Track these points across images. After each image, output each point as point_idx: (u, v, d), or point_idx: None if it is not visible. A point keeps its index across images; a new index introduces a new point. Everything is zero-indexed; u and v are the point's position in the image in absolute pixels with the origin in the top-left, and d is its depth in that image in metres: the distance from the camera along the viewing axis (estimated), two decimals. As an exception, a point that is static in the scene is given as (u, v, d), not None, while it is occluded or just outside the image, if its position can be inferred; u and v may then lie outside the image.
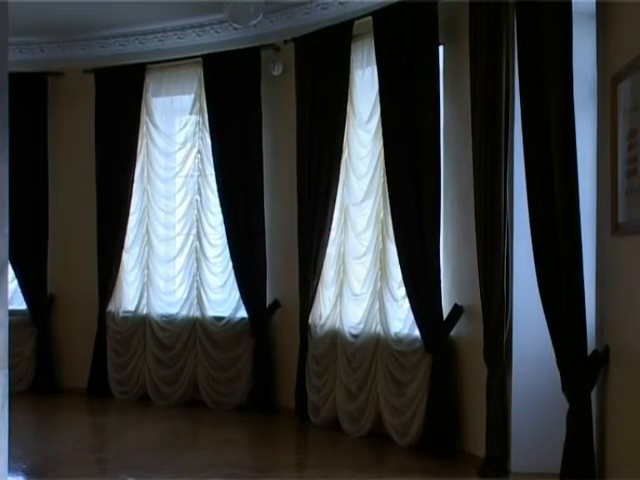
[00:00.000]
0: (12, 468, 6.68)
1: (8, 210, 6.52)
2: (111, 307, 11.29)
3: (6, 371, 6.43)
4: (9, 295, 6.88)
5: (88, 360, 11.37)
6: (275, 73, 10.13)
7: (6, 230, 6.48)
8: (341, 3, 9.27)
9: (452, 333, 8.21)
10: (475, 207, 7.56)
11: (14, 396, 6.63)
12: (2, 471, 6.40)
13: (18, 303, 11.15)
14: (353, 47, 9.08)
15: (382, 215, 8.75)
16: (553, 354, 6.53)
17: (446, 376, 8.13)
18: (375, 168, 8.85)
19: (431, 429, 8.09)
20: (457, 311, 8.16)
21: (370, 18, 8.73)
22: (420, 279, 8.22)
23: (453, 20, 8.14)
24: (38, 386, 11.38)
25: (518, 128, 7.08)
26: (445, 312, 8.18)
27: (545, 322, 6.59)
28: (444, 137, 8.21)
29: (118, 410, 10.89)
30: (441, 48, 8.26)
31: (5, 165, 6.49)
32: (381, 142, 8.64)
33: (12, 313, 6.83)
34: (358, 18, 8.96)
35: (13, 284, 10.81)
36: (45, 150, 11.50)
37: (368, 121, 8.98)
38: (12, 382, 6.53)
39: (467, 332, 8.12)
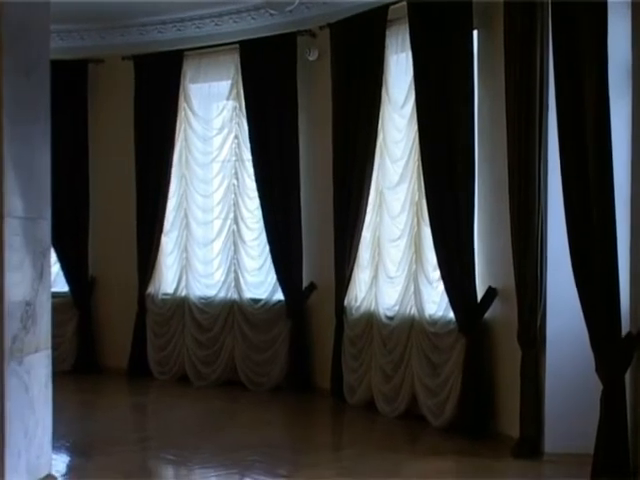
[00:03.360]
0: (56, 446, 6.69)
1: (51, 195, 6.54)
2: (151, 289, 11.31)
3: (49, 351, 6.49)
4: (52, 278, 6.84)
5: (128, 341, 11.41)
6: (311, 58, 10.07)
7: (49, 215, 6.51)
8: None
9: (486, 315, 8.13)
10: (509, 190, 7.49)
11: (57, 376, 6.69)
12: (47, 448, 6.46)
13: (60, 285, 11.19)
14: (388, 32, 8.98)
15: (417, 199, 8.66)
16: (587, 336, 6.44)
17: (480, 357, 8.07)
18: (410, 152, 8.76)
19: (465, 410, 8.04)
20: (491, 293, 8.08)
21: (404, 3, 8.61)
22: (454, 262, 8.14)
23: (487, 4, 8.01)
24: (80, 366, 11.44)
25: (552, 113, 7.02)
26: (479, 294, 8.11)
27: (579, 304, 6.51)
28: (478, 121, 8.11)
29: (158, 390, 10.93)
30: (475, 33, 8.15)
31: (48, 152, 6.50)
32: (416, 126, 8.54)
33: (55, 295, 6.88)
34: (393, 3, 8.86)
35: (56, 267, 10.83)
36: (86, 136, 11.53)
37: (403, 106, 8.89)
38: (55, 362, 6.61)
39: (501, 314, 8.03)
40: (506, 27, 7.51)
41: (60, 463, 7.21)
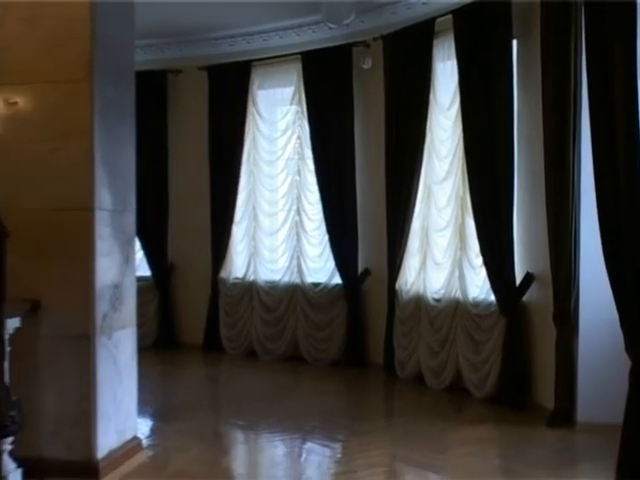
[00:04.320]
0: (140, 411, 6.81)
1: (135, 190, 6.61)
2: (223, 274, 11.36)
3: (134, 328, 6.57)
4: (136, 263, 6.92)
5: (203, 320, 11.49)
6: (365, 67, 10.05)
7: (134, 208, 6.58)
8: (424, 3, 9.14)
9: (524, 298, 8.08)
10: (546, 184, 7.43)
11: (141, 350, 6.77)
12: (132, 413, 6.54)
13: (144, 270, 11.25)
14: (435, 42, 8.94)
15: (461, 193, 8.62)
16: (617, 317, 6.36)
17: (518, 336, 8.02)
18: (455, 150, 8.72)
19: (505, 383, 8.00)
20: (529, 278, 8.02)
21: (450, 16, 8.59)
22: (495, 249, 8.09)
23: (526, 15, 7.93)
24: (161, 342, 11.54)
25: (585, 114, 6.93)
26: (518, 279, 8.05)
27: (609, 287, 6.43)
28: (517, 122, 8.03)
29: (229, 363, 10.97)
30: (515, 42, 8.07)
31: (132, 151, 6.57)
32: (460, 127, 8.52)
33: (139, 279, 6.95)
34: (439, 16, 8.82)
35: (140, 254, 10.92)
36: (166, 137, 11.62)
37: (448, 108, 8.84)
38: (139, 338, 6.67)
39: (538, 297, 7.97)
40: (542, 36, 7.44)
41: (144, 427, 7.30)
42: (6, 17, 5.92)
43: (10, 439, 5.29)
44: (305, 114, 10.59)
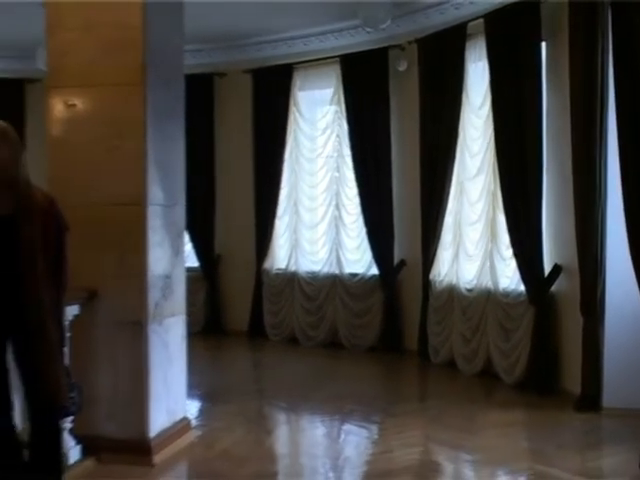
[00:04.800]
0: (189, 394, 6.85)
1: (184, 186, 6.67)
2: (266, 265, 11.40)
3: (184, 316, 6.63)
4: (186, 255, 6.98)
5: (248, 308, 11.54)
6: (401, 69, 10.03)
7: (183, 202, 6.63)
8: (456, 8, 9.10)
9: (552, 288, 8.03)
10: (573, 180, 7.40)
11: (190, 336, 6.82)
12: (182, 395, 6.59)
13: (192, 262, 11.29)
14: (467, 45, 8.90)
15: (492, 188, 8.59)
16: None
17: (547, 325, 7.97)
18: (486, 148, 8.69)
19: (534, 369, 7.96)
20: (557, 269, 7.98)
21: (482, 20, 8.55)
22: (525, 242, 8.06)
23: (554, 18, 7.86)
24: (208, 329, 11.58)
25: (612, 113, 6.94)
26: (546, 270, 8.01)
27: (634, 278, 6.41)
28: (546, 120, 7.97)
29: (272, 349, 11.02)
30: (543, 44, 8.03)
31: (182, 150, 6.63)
32: (491, 125, 8.48)
33: (188, 270, 7.00)
34: (471, 20, 8.79)
35: (189, 246, 10.98)
36: (212, 137, 11.67)
37: (480, 107, 8.81)
38: (189, 325, 6.73)
39: (565, 287, 7.92)
40: (570, 37, 7.39)
41: (193, 408, 7.36)
42: (64, 25, 5.99)
43: (70, 418, 5.39)
44: (344, 114, 10.58)
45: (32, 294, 4.36)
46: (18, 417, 4.80)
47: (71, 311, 5.48)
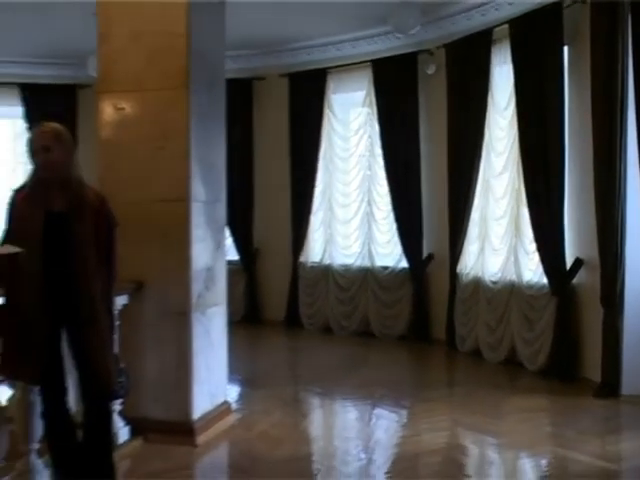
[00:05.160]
0: (230, 379, 6.90)
1: (225, 184, 6.71)
2: (302, 258, 11.43)
3: (225, 306, 6.67)
4: (226, 249, 7.03)
5: (284, 299, 11.58)
6: (429, 72, 10.00)
7: (224, 199, 6.67)
8: (482, 15, 9.06)
9: (574, 281, 7.99)
10: (594, 177, 7.37)
11: (230, 325, 6.87)
12: (223, 380, 6.64)
13: (232, 255, 11.33)
14: (492, 49, 8.87)
15: (517, 185, 8.55)
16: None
17: (568, 315, 7.93)
18: (511, 147, 8.66)
19: (556, 358, 7.93)
20: (578, 263, 7.93)
21: (506, 25, 8.52)
22: (548, 237, 8.02)
23: (576, 23, 7.80)
24: (247, 318, 11.63)
25: (632, 112, 6.92)
26: (568, 264, 7.96)
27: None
28: (568, 120, 7.91)
29: (307, 337, 11.04)
30: (565, 47, 7.97)
31: (223, 150, 6.67)
32: (516, 125, 8.44)
33: (228, 263, 7.04)
34: (496, 26, 8.75)
35: (229, 240, 11.04)
36: (251, 137, 11.71)
37: (505, 109, 8.78)
38: (229, 315, 6.77)
39: (586, 280, 7.87)
40: (592, 42, 7.36)
41: (233, 392, 7.41)
42: (113, 34, 6.06)
43: (119, 401, 5.46)
44: (375, 115, 10.57)
45: (84, 286, 4.41)
46: (72, 400, 4.87)
47: (120, 301, 5.54)
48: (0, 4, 8.80)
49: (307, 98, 11.20)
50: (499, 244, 8.91)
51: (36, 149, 4.47)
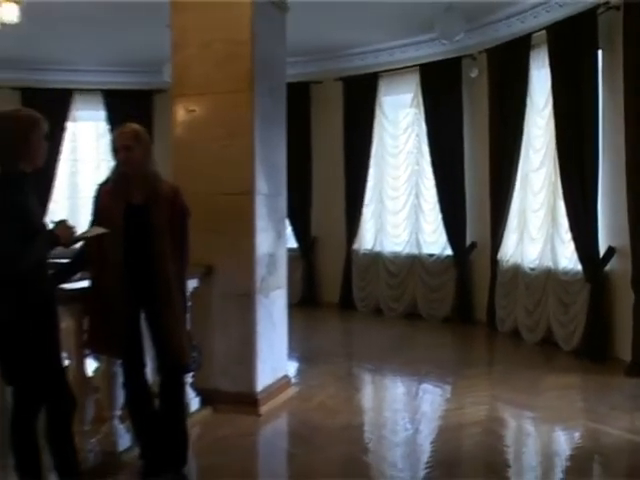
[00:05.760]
0: (289, 355, 6.96)
1: (286, 179, 6.74)
2: (355, 246, 11.43)
3: (285, 289, 6.72)
4: (286, 237, 7.07)
5: (339, 283, 11.59)
6: (472, 75, 9.93)
7: (284, 193, 6.71)
8: (522, 22, 8.96)
9: (606, 268, 7.87)
10: (626, 173, 7.28)
11: (290, 307, 6.91)
12: (283, 357, 6.68)
13: (292, 243, 11.37)
14: (531, 54, 8.77)
15: (553, 179, 8.45)
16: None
17: (601, 300, 7.83)
18: (548, 144, 8.55)
19: (589, 339, 7.84)
20: (611, 251, 7.81)
21: (544, 31, 8.42)
22: (582, 227, 7.92)
23: (610, 28, 7.66)
24: (305, 301, 11.63)
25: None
26: (601, 252, 7.85)
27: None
28: (602, 120, 7.77)
29: (359, 318, 11.05)
30: (600, 51, 7.83)
31: (284, 148, 6.70)
32: (553, 124, 8.32)
33: (288, 250, 7.08)
34: (535, 32, 8.65)
35: (289, 230, 11.05)
36: (309, 136, 11.72)
37: (543, 109, 8.67)
38: (288, 298, 6.81)
39: (618, 267, 7.76)
40: (625, 46, 7.26)
41: (292, 367, 7.45)
42: (186, 43, 6.13)
43: (191, 374, 5.53)
44: (422, 115, 10.53)
45: (161, 271, 4.48)
46: (150, 373, 4.95)
47: (192, 284, 5.60)
48: (86, 18, 8.95)
49: (360, 100, 11.18)
50: (537, 233, 8.82)
51: (118, 148, 4.55)
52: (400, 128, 11.17)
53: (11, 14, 7.63)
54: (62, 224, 3.85)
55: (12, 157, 3.78)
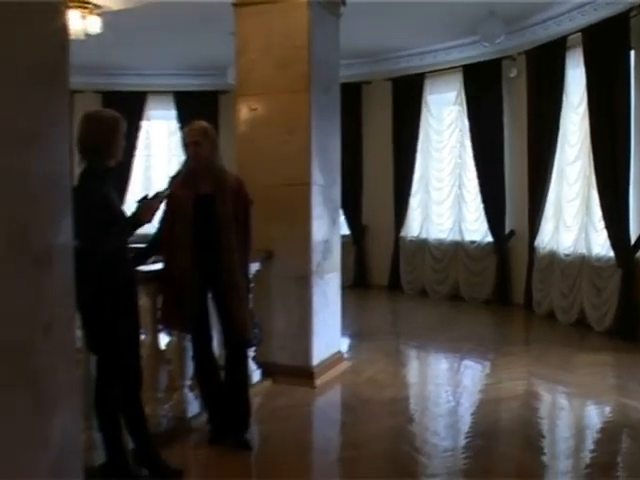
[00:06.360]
0: (342, 333, 6.98)
1: (340, 170, 6.75)
2: (402, 233, 11.38)
3: (339, 272, 6.73)
4: (340, 225, 7.08)
5: (387, 267, 11.56)
6: (511, 75, 9.79)
7: (339, 183, 6.71)
8: (558, 25, 8.78)
9: (637, 254, 7.71)
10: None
11: (343, 289, 6.92)
12: (336, 334, 6.70)
13: (344, 230, 11.36)
14: (567, 54, 8.60)
15: (587, 172, 8.30)
16: None
17: (632, 284, 7.69)
18: (582, 139, 8.40)
19: (620, 320, 7.72)
20: (641, 239, 7.69)
21: (579, 34, 8.26)
22: (614, 216, 7.78)
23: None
24: (356, 284, 11.58)
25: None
26: (632, 239, 7.69)
27: None
28: (634, 116, 7.61)
29: (406, 300, 11.00)
30: (632, 52, 7.65)
31: (338, 142, 6.70)
32: (587, 121, 8.18)
33: (341, 237, 7.09)
34: (570, 34, 8.49)
35: (342, 218, 11.08)
36: (361, 131, 11.65)
37: (578, 106, 8.51)
38: (342, 280, 6.82)
39: (649, 253, 7.62)
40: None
41: (344, 344, 7.45)
42: (248, 48, 6.17)
43: (253, 349, 5.59)
44: (465, 112, 10.42)
45: (226, 255, 4.53)
46: (216, 347, 5.02)
47: (254, 267, 5.65)
48: (158, 28, 9.05)
49: (407, 98, 11.10)
50: (571, 222, 8.68)
51: (188, 143, 4.62)
52: (444, 124, 11.07)
53: (94, 26, 7.79)
54: (143, 205, 3.97)
55: (97, 154, 3.88)
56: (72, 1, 7.44)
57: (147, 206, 3.98)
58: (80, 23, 7.57)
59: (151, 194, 4.11)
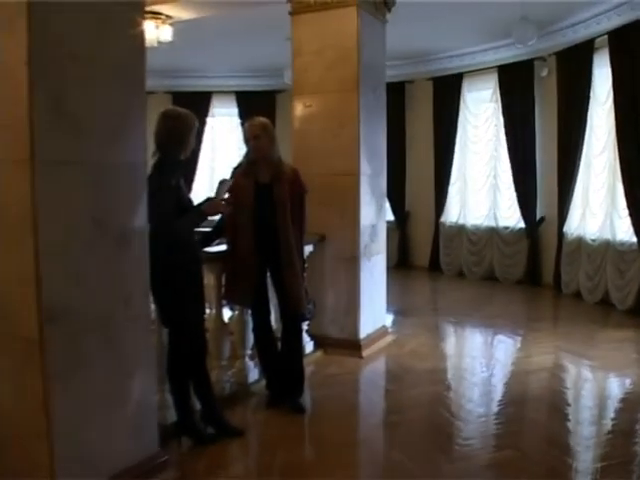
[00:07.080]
0: (387, 309, 6.96)
1: (386, 162, 6.70)
2: (442, 219, 11.26)
3: (384, 254, 6.72)
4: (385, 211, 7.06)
5: (428, 250, 11.47)
6: (543, 75, 9.58)
7: (384, 173, 6.67)
8: (586, 28, 8.54)
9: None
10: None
11: (388, 269, 6.90)
12: (382, 310, 6.68)
13: (389, 216, 11.29)
14: (595, 55, 8.38)
15: (613, 163, 8.09)
16: None
17: (655, 267, 7.50)
18: (608, 133, 8.19)
19: (643, 300, 7.54)
20: (664, 225, 7.47)
21: (606, 36, 8.03)
22: (637, 205, 7.57)
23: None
24: (400, 264, 11.57)
25: None
26: (656, 226, 7.50)
27: None
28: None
29: (445, 280, 10.91)
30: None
31: (384, 137, 6.66)
32: (613, 116, 7.95)
33: (387, 222, 7.07)
34: (598, 37, 8.26)
35: (387, 205, 11.02)
36: (404, 126, 11.56)
37: (604, 103, 8.30)
38: (389, 261, 6.81)
39: (671, 239, 7.40)
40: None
41: (389, 319, 7.43)
42: (303, 51, 6.16)
43: (307, 323, 5.63)
44: (500, 109, 10.24)
45: (283, 237, 4.57)
46: (274, 320, 5.06)
47: (308, 249, 5.69)
48: (222, 33, 9.09)
49: (447, 96, 10.96)
50: (597, 210, 8.49)
51: (248, 137, 4.65)
52: (480, 120, 10.87)
53: (166, 35, 7.87)
54: (210, 201, 4.08)
55: (171, 148, 3.96)
56: (147, 12, 7.52)
57: (213, 203, 4.06)
58: (154, 32, 7.66)
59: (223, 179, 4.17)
